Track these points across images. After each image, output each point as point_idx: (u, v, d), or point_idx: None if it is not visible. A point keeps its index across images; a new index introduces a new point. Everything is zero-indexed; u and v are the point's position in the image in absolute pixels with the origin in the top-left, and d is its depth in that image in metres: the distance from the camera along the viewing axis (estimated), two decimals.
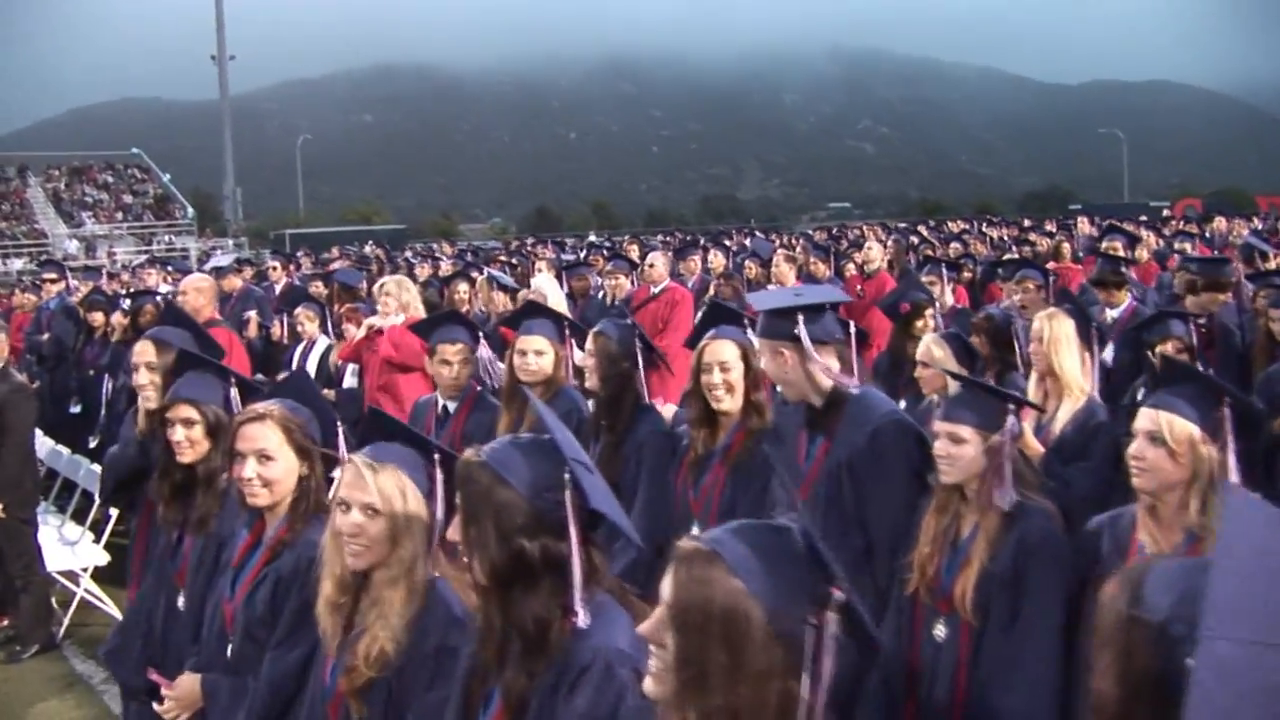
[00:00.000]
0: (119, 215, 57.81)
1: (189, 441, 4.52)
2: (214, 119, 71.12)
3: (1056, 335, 5.83)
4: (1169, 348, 6.63)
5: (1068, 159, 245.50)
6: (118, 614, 8.74)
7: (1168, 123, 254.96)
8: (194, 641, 4.30)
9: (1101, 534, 3.94)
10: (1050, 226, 26.02)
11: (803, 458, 4.63)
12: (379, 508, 3.24)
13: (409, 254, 28.62)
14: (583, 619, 2.63)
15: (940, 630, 4.05)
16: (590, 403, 6.05)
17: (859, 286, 13.30)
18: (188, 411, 4.54)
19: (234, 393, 4.67)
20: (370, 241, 43.31)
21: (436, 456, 3.37)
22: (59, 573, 9.05)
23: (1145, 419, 3.75)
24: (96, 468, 9.61)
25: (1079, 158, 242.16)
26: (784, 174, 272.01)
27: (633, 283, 12.61)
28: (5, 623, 9.00)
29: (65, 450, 10.69)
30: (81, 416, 11.98)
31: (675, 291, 11.83)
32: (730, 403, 4.98)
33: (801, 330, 4.45)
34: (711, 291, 12.48)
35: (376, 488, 3.24)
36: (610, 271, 12.45)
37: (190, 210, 60.00)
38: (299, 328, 11.10)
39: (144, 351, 5.36)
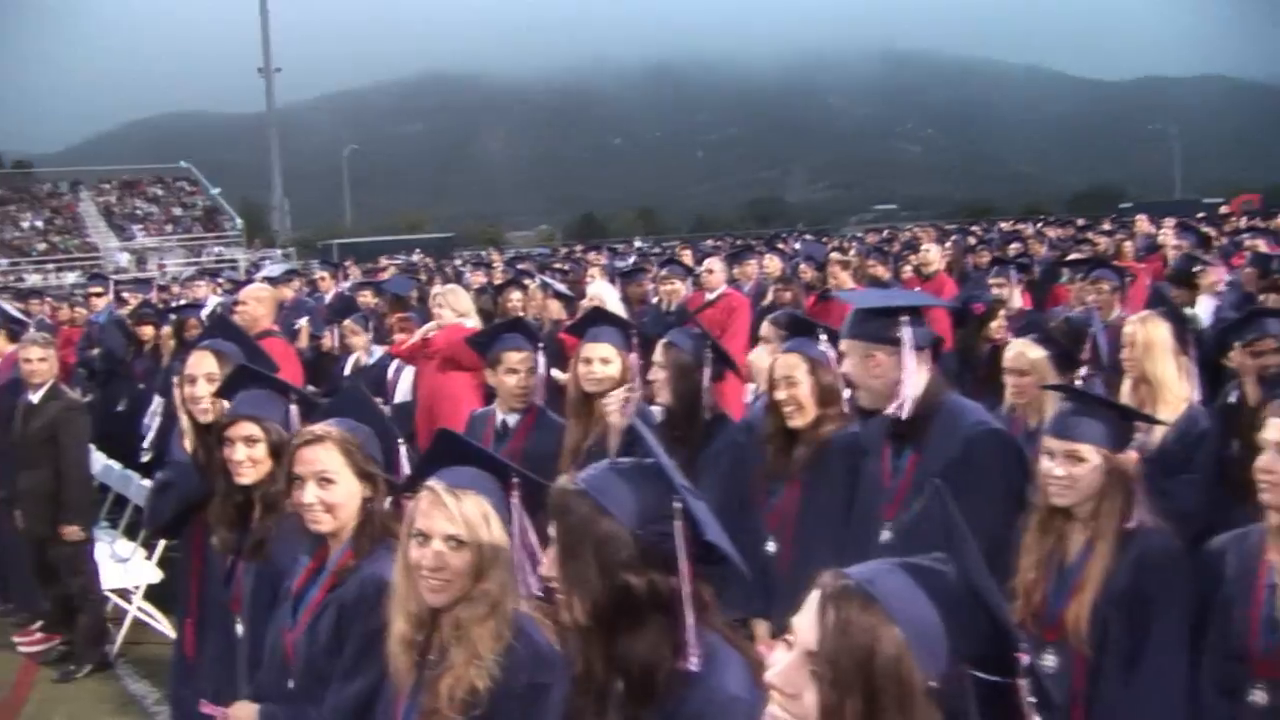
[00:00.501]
0: (169, 228, 58.33)
1: (251, 461, 4.28)
2: (261, 131, 71.65)
3: (1151, 340, 5.49)
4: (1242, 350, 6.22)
5: (1116, 157, 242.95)
6: (171, 633, 8.57)
7: (1217, 118, 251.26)
8: (254, 670, 4.07)
9: (1225, 554, 3.65)
10: (1107, 225, 25.58)
11: (888, 473, 4.35)
12: (463, 538, 2.97)
13: (458, 262, 28.55)
14: (695, 662, 2.37)
15: (1050, 660, 3.76)
16: (656, 413, 5.80)
17: (916, 289, 13.01)
18: (250, 429, 4.29)
19: (294, 410, 4.42)
20: (417, 250, 43.39)
21: (515, 481, 3.11)
22: (111, 590, 8.89)
23: (1275, 429, 3.46)
24: (149, 483, 9.46)
25: (1127, 155, 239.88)
26: (829, 176, 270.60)
27: (687, 288, 12.33)
28: (59, 640, 8.87)
29: (117, 465, 10.52)
30: (128, 422, 11.83)
31: (732, 297, 11.54)
32: (801, 418, 4.77)
33: (906, 333, 4.18)
34: (769, 297, 12.21)
35: (461, 516, 2.98)
36: (665, 277, 12.15)
37: (239, 221, 60.36)
38: (347, 340, 10.95)
39: (202, 362, 5.00)
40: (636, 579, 2.39)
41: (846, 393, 4.68)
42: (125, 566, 9.13)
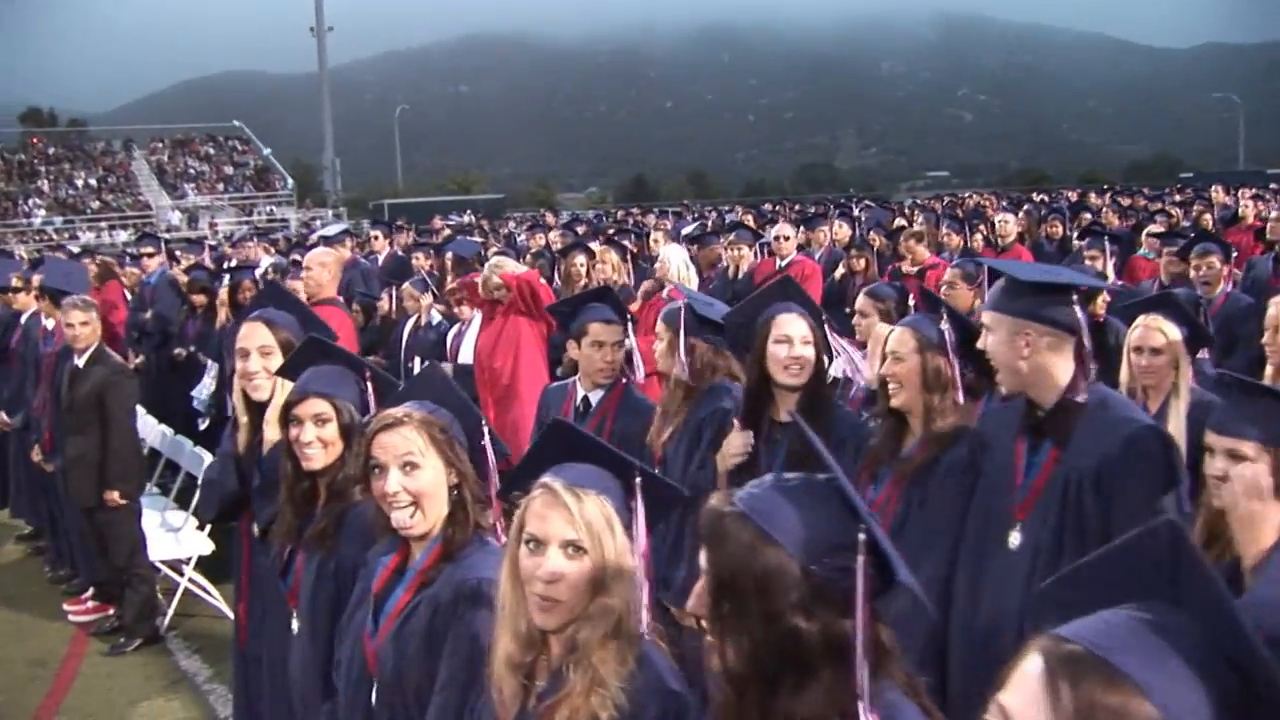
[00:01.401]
0: (220, 187, 58.36)
1: (320, 442, 3.82)
2: (312, 91, 71.56)
3: None
4: None
5: (1174, 126, 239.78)
6: (224, 607, 8.30)
7: (1278, 85, 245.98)
8: (322, 681, 3.64)
9: None
10: (1178, 196, 24.87)
11: (1020, 469, 3.87)
12: (585, 545, 2.51)
13: (512, 224, 28.21)
14: None
15: None
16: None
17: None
18: (320, 406, 3.83)
19: (368, 388, 3.99)
20: (468, 211, 43.12)
21: (638, 480, 2.65)
22: (162, 562, 8.54)
23: None
24: (202, 451, 9.13)
25: (1185, 124, 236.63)
26: (881, 142, 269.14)
27: (755, 255, 11.85)
28: (111, 612, 8.58)
29: (168, 430, 10.19)
30: (181, 386, 11.53)
31: (804, 265, 11.06)
32: (901, 398, 4.28)
33: (1078, 314, 3.70)
34: (843, 267, 11.76)
35: (582, 520, 2.52)
36: (733, 242, 11.69)
37: (290, 181, 60.31)
38: (405, 304, 10.54)
39: (255, 333, 4.57)
40: (807, 623, 1.94)
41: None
42: (176, 537, 8.80)
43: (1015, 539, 3.82)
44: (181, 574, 8.51)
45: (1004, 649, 3.18)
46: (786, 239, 11.13)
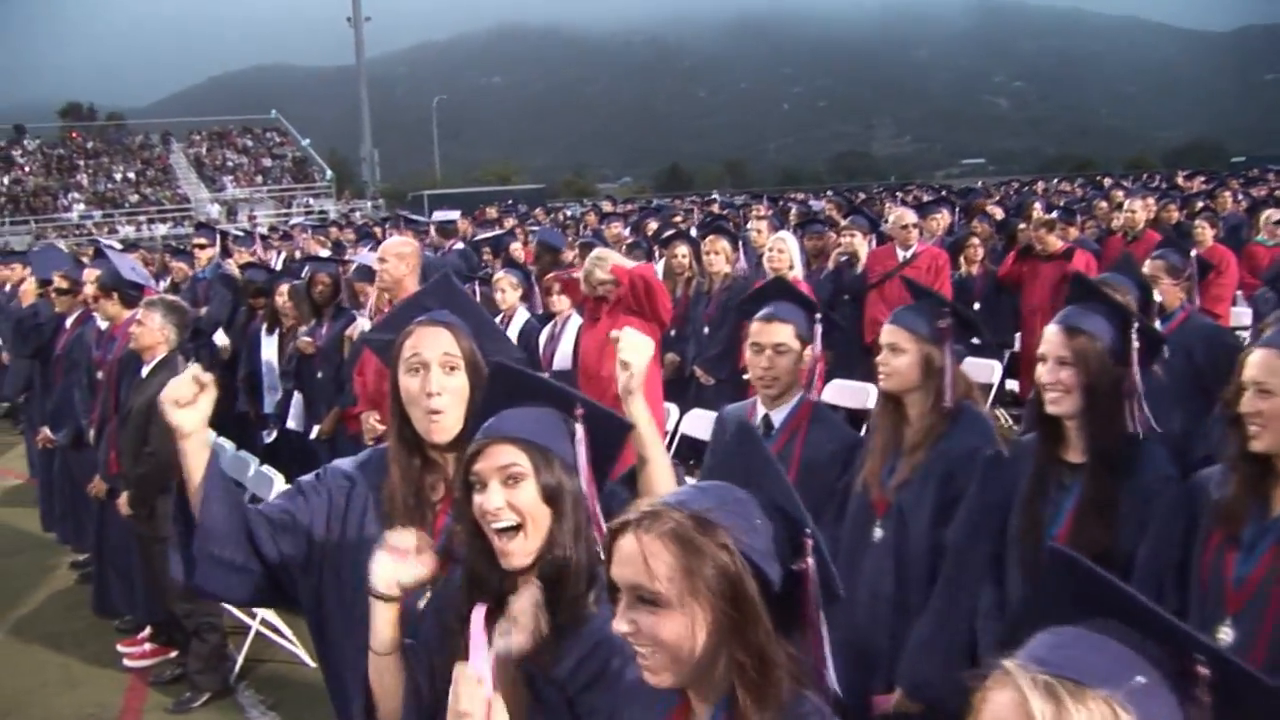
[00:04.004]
0: (259, 179, 57.89)
1: (513, 511, 2.43)
2: (343, 83, 70.89)
3: None
4: None
5: (1214, 110, 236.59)
6: (301, 652, 7.23)
7: None
8: None
9: None
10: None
11: None
12: None
13: (569, 212, 27.36)
14: None
15: None
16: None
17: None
18: (509, 456, 2.45)
19: (579, 432, 2.53)
20: (509, 200, 42.22)
21: (1202, 670, 1.42)
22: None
23: None
24: (271, 471, 8.04)
25: (1226, 108, 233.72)
26: (916, 130, 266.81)
27: (870, 244, 10.70)
28: (173, 655, 7.49)
29: (229, 444, 9.05)
30: (246, 396, 10.47)
31: (935, 255, 9.82)
32: (1266, 441, 3.12)
33: None
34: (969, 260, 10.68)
35: None
36: (847, 228, 10.52)
37: (328, 173, 59.69)
38: (498, 296, 9.36)
39: (432, 339, 3.01)
40: None
41: None
42: None
43: None
44: (252, 615, 7.42)
45: None
46: (914, 226, 9.89)
